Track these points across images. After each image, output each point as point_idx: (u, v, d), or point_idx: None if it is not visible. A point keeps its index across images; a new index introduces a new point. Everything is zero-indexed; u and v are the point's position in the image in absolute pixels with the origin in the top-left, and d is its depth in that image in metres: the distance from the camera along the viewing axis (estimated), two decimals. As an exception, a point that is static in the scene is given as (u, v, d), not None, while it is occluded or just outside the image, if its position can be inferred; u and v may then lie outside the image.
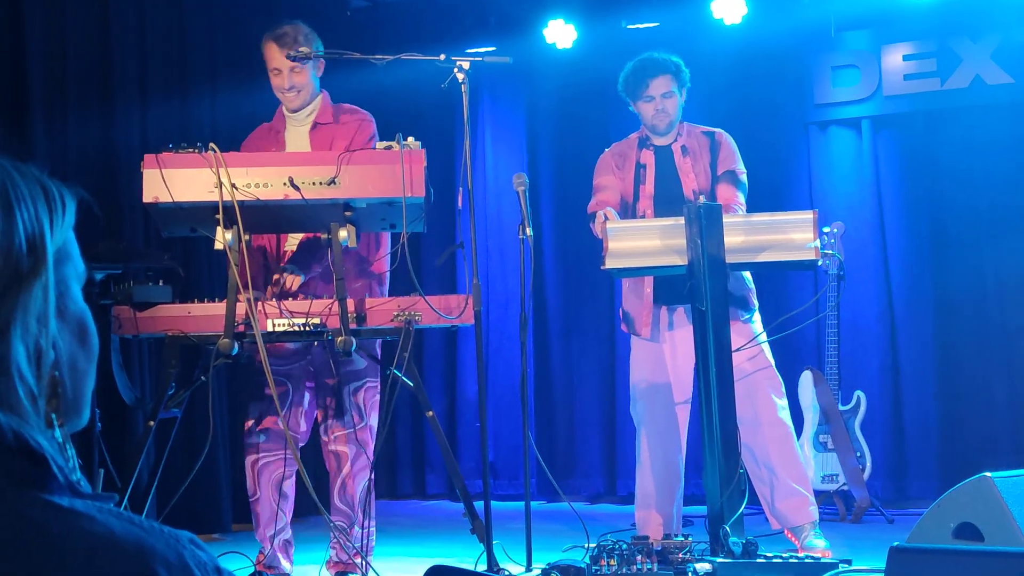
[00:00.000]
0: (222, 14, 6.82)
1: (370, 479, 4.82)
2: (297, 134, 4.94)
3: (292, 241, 4.87)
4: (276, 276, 4.71)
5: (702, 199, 4.88)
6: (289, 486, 4.83)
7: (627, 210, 5.31)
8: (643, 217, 5.24)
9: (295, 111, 4.92)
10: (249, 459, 4.81)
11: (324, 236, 4.31)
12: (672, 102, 5.34)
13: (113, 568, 1.04)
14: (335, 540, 4.83)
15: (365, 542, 4.73)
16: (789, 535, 5.18)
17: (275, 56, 4.84)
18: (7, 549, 1.02)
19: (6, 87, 5.48)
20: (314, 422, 4.93)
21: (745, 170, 5.35)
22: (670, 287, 5.14)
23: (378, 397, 4.85)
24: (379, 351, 4.95)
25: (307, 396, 4.86)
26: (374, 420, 4.85)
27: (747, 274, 5.27)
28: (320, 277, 4.83)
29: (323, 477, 5.08)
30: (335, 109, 4.99)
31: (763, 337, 5.22)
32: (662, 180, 5.32)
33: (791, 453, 5.17)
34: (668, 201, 5.17)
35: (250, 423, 4.80)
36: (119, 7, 6.14)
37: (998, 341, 6.85)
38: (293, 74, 4.84)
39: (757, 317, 5.30)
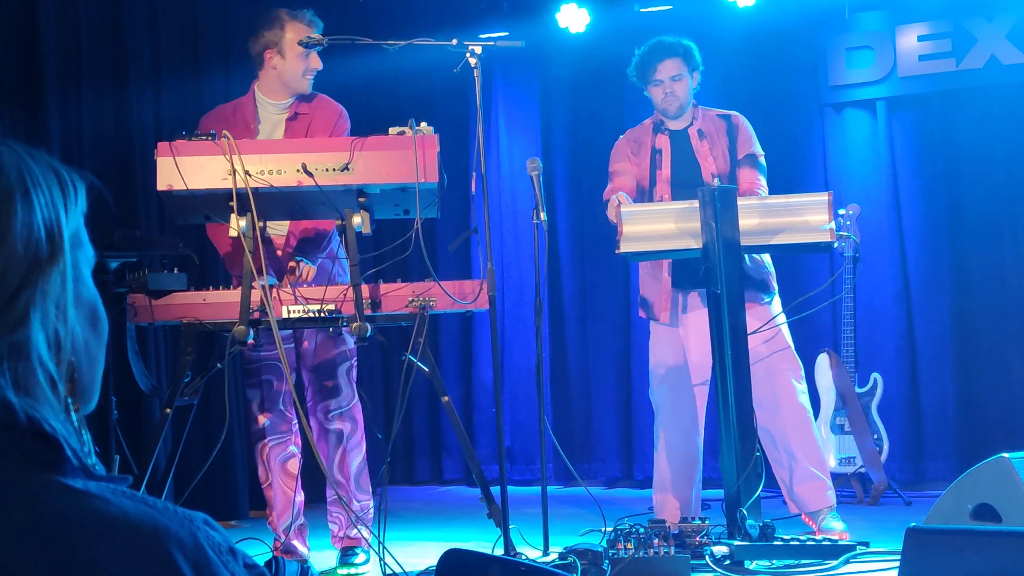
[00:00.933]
0: (234, 5, 6.81)
1: (363, 454, 4.88)
2: (273, 122, 4.91)
3: (274, 228, 4.84)
4: (292, 264, 4.72)
5: (716, 182, 4.87)
6: (294, 465, 4.89)
7: (644, 195, 5.30)
8: (660, 201, 5.23)
9: (299, 96, 4.91)
10: (258, 446, 4.89)
11: (339, 222, 4.31)
12: (681, 85, 5.32)
13: (128, 548, 1.04)
14: (335, 515, 4.89)
15: (363, 514, 4.79)
16: (807, 519, 5.17)
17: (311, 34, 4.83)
18: (23, 530, 1.03)
19: (20, 72, 5.48)
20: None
21: (763, 152, 5.34)
22: (687, 271, 5.12)
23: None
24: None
25: (296, 380, 4.90)
26: (358, 397, 4.95)
27: (767, 257, 5.26)
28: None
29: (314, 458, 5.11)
30: (314, 97, 4.99)
31: (781, 319, 5.21)
32: (679, 164, 5.30)
33: (810, 437, 5.16)
34: (686, 185, 5.15)
35: (253, 411, 4.86)
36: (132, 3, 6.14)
37: (1016, 322, 6.83)
38: (318, 60, 4.87)
39: (777, 301, 5.28)
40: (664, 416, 5.34)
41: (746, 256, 5.12)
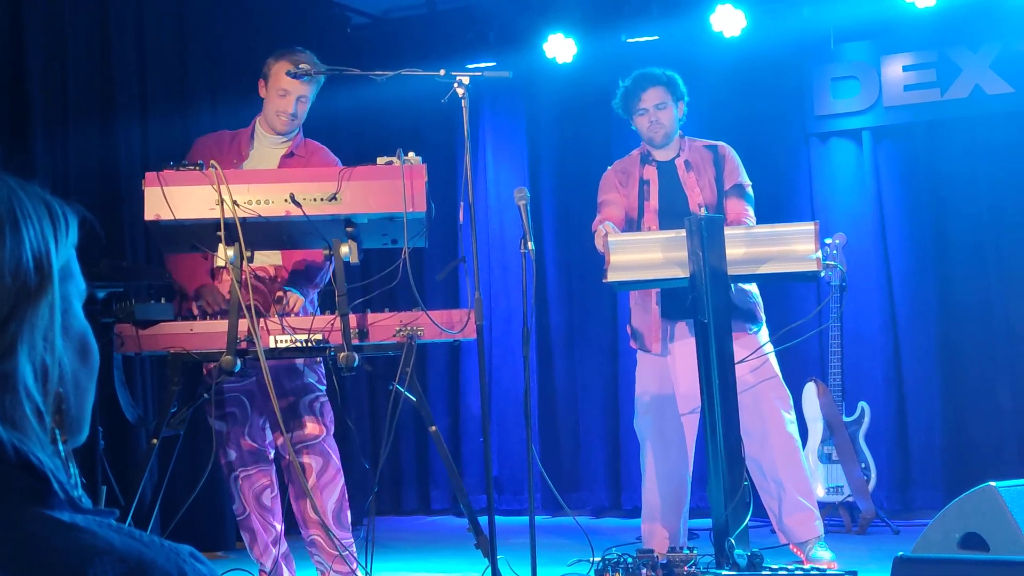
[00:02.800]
0: (223, 31, 6.84)
1: (341, 489, 4.81)
2: (266, 155, 4.92)
3: (262, 258, 4.82)
4: (279, 294, 4.72)
5: (703, 211, 4.88)
6: (268, 497, 4.83)
7: (632, 226, 5.32)
8: (648, 231, 5.24)
9: (281, 135, 4.92)
10: (230, 479, 4.83)
11: (326, 252, 4.31)
12: (666, 114, 5.34)
13: (114, 583, 1.04)
14: (316, 558, 4.83)
15: (347, 553, 4.71)
16: (795, 549, 5.17)
17: (286, 78, 4.82)
18: (9, 564, 1.02)
19: (7, 104, 5.49)
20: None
21: (750, 182, 5.36)
22: (676, 301, 5.13)
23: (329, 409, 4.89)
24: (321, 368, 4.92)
25: (257, 414, 4.84)
26: (330, 431, 4.87)
27: (754, 287, 5.27)
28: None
29: (285, 491, 5.06)
30: (308, 143, 5.00)
31: (769, 348, 5.22)
32: (666, 195, 5.32)
33: (798, 467, 5.17)
34: (673, 216, 5.16)
35: (219, 443, 4.77)
36: (120, 24, 6.15)
37: (1002, 351, 6.85)
38: (300, 102, 4.86)
39: (764, 330, 5.30)
40: (650, 446, 5.34)
41: (732, 285, 5.13)
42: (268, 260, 4.86)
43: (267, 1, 7.27)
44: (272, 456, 4.89)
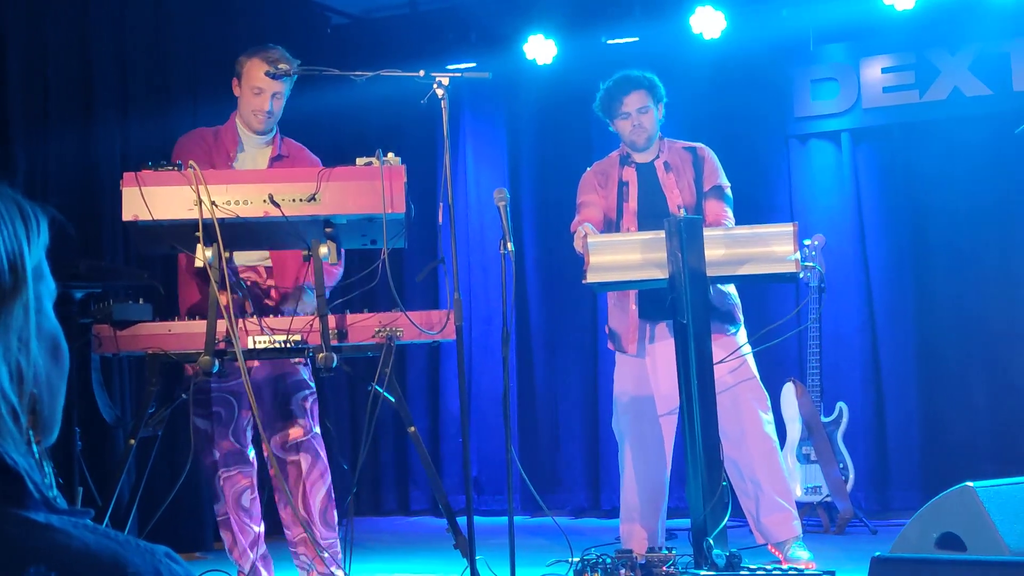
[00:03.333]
0: (204, 30, 6.83)
1: (328, 489, 4.82)
2: (252, 157, 4.91)
3: (242, 257, 4.82)
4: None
5: (682, 212, 4.89)
6: (248, 499, 4.83)
7: (611, 227, 5.32)
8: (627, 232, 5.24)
9: (260, 133, 4.90)
10: (214, 478, 4.81)
11: (305, 252, 4.31)
12: (648, 117, 5.34)
13: (88, 583, 1.04)
14: (301, 558, 4.82)
15: (327, 555, 4.71)
16: (773, 550, 5.19)
17: (260, 76, 4.80)
18: (-18, 565, 1.02)
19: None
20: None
21: (729, 183, 5.37)
22: (654, 302, 5.13)
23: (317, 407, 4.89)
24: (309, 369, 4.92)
25: (247, 413, 4.83)
26: (318, 429, 4.88)
27: (732, 288, 5.28)
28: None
29: (266, 491, 5.06)
30: (289, 143, 4.99)
31: (747, 350, 5.23)
32: (645, 197, 5.32)
33: (776, 468, 5.18)
34: (652, 217, 5.16)
35: (201, 443, 4.76)
36: (99, 24, 6.14)
37: (980, 352, 6.88)
38: (275, 99, 4.84)
39: (743, 331, 5.31)
40: (628, 446, 5.35)
41: (711, 287, 5.14)
42: (245, 261, 4.85)
43: (247, 0, 7.25)
44: (253, 457, 4.88)
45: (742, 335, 5.29)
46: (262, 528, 4.93)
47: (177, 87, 6.62)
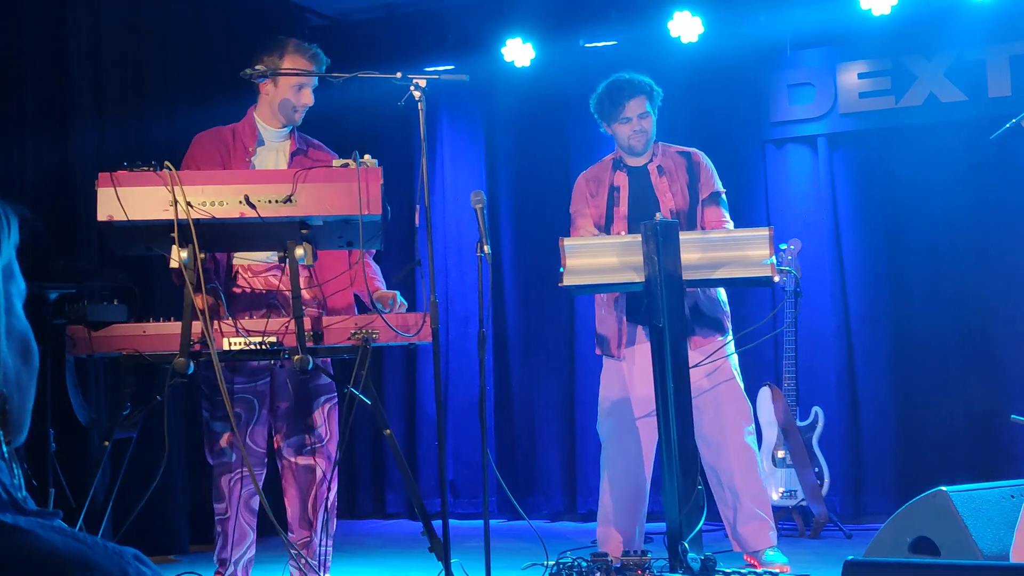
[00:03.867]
0: (180, 32, 6.81)
1: (334, 496, 4.83)
2: (274, 152, 4.91)
3: (240, 257, 4.83)
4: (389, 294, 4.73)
5: (658, 216, 4.89)
6: (256, 502, 4.83)
7: (603, 231, 5.32)
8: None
9: (288, 127, 4.92)
10: (224, 479, 4.79)
11: (281, 254, 4.30)
12: (648, 122, 5.35)
13: (55, 584, 1.03)
14: (297, 561, 4.81)
15: (323, 559, 4.72)
16: (748, 558, 5.20)
17: (304, 70, 4.82)
18: (-52, 567, 1.01)
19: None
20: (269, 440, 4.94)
21: (725, 189, 5.39)
22: (638, 305, 5.13)
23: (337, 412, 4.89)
24: (331, 368, 4.94)
25: (266, 414, 4.84)
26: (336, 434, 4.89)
27: (723, 295, 5.30)
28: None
29: (280, 494, 5.07)
30: (305, 137, 5.01)
31: (729, 352, 5.24)
32: (636, 201, 5.32)
33: (755, 478, 5.20)
34: (644, 221, 5.17)
35: (220, 442, 4.77)
36: (76, 27, 6.12)
37: (955, 357, 6.90)
38: (313, 91, 4.88)
39: (731, 341, 5.32)
40: (610, 450, 5.35)
41: (702, 293, 5.17)
42: (246, 260, 4.85)
43: (225, 1, 7.23)
44: (266, 460, 4.89)
45: (730, 344, 5.30)
46: (255, 534, 4.92)
47: (153, 88, 6.60)
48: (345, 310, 4.79)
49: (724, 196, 5.36)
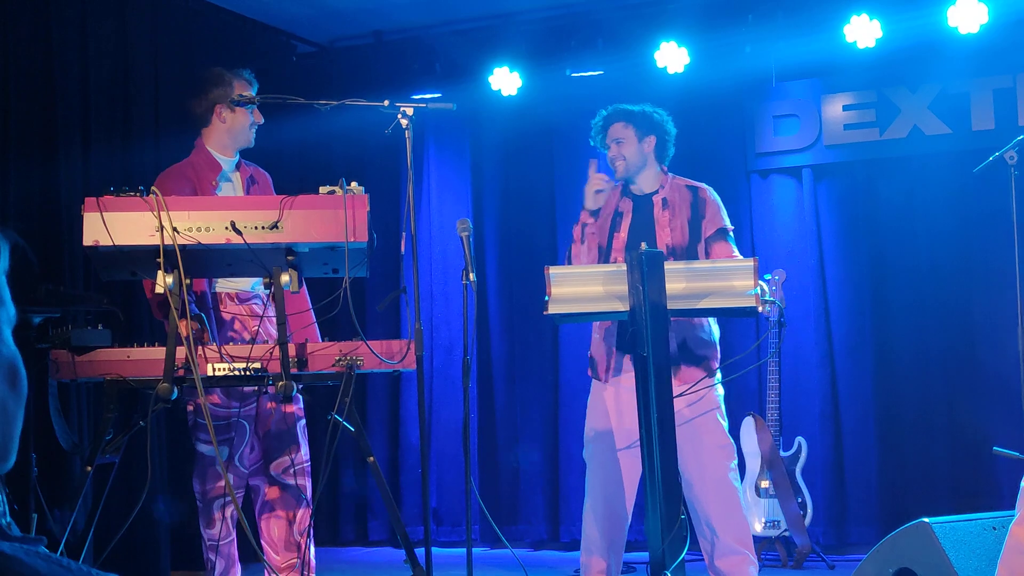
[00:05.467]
0: (167, 58, 6.82)
1: (311, 520, 4.85)
2: (232, 182, 5.00)
3: (225, 284, 4.87)
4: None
5: (644, 245, 4.89)
6: (238, 521, 4.88)
7: (603, 255, 5.33)
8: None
9: (238, 150, 5.01)
10: (215, 504, 4.83)
11: (266, 280, 4.31)
12: (628, 148, 5.35)
13: (38, 611, 1.03)
14: None
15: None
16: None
17: (249, 95, 4.92)
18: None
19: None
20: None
21: (732, 226, 5.41)
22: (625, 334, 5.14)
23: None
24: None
25: (253, 437, 4.90)
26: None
27: (716, 334, 5.29)
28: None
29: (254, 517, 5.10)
30: (250, 165, 5.12)
31: (716, 382, 5.24)
32: (637, 230, 5.32)
33: (735, 514, 5.17)
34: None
35: (216, 468, 4.80)
36: (62, 51, 6.12)
37: (938, 390, 6.92)
38: (260, 113, 5.00)
39: (718, 376, 5.32)
40: (594, 477, 5.34)
41: (690, 330, 5.18)
42: (230, 288, 4.89)
43: (211, 28, 7.25)
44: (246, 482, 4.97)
45: (717, 377, 5.30)
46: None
47: (139, 116, 6.60)
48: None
49: (732, 233, 5.37)
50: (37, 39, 6.00)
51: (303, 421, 4.96)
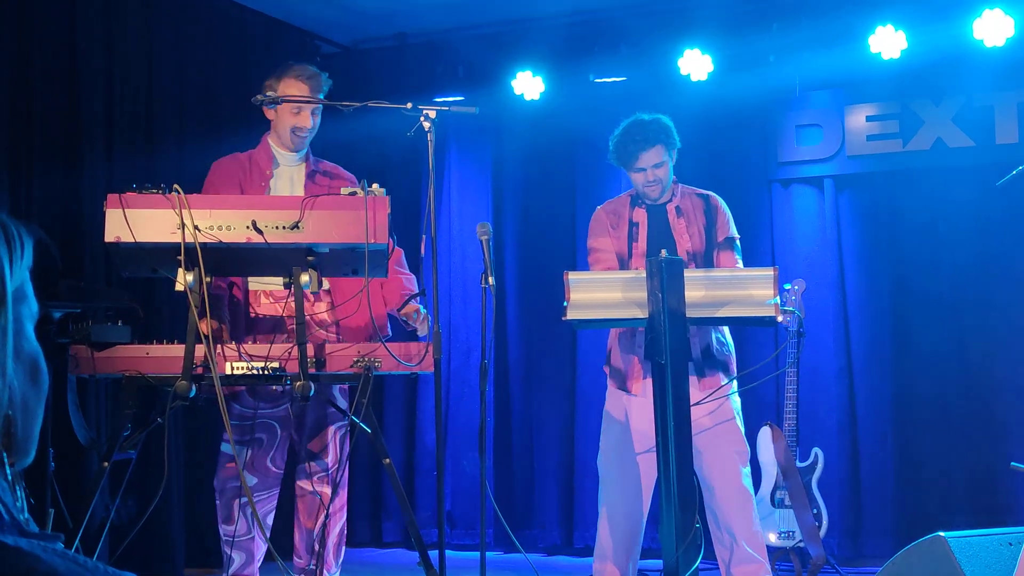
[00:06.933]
0: (191, 59, 6.83)
1: (342, 525, 4.88)
2: (289, 175, 4.98)
3: (256, 284, 4.89)
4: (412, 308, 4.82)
5: (664, 252, 4.89)
6: (271, 520, 4.93)
7: (624, 266, 5.32)
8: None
9: (297, 150, 5.00)
10: (235, 501, 4.85)
11: (287, 279, 4.31)
12: (663, 171, 5.34)
13: (55, 608, 1.04)
14: None
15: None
16: (743, 600, 5.18)
17: (300, 94, 4.90)
18: (-51, 587, 1.02)
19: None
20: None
21: (739, 235, 5.41)
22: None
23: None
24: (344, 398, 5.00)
25: (286, 437, 4.92)
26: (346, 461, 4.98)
27: (730, 340, 5.30)
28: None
29: (288, 519, 5.12)
30: (322, 162, 5.08)
31: (732, 391, 5.24)
32: (655, 239, 5.32)
33: (750, 520, 5.19)
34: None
35: (235, 467, 4.82)
36: (88, 52, 6.14)
37: (956, 403, 6.89)
38: (314, 115, 4.96)
39: (734, 384, 5.32)
40: (609, 485, 5.34)
41: (714, 336, 5.18)
42: (263, 284, 4.91)
43: (236, 27, 7.27)
44: (280, 481, 4.98)
45: (734, 386, 5.31)
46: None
47: (163, 115, 6.61)
48: (360, 331, 4.85)
49: (739, 242, 5.37)
50: (61, 39, 6.02)
51: (338, 425, 4.94)
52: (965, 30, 6.71)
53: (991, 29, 6.62)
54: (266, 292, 4.90)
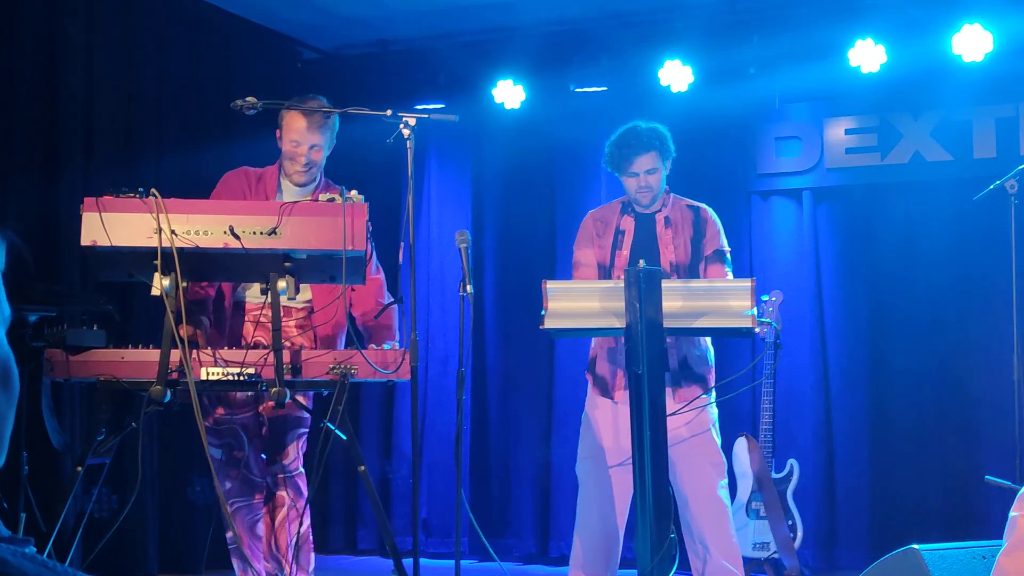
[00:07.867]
0: (170, 65, 6.80)
1: (305, 529, 4.85)
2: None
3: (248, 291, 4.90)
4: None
5: (642, 263, 4.90)
6: (261, 529, 4.90)
7: (605, 274, 5.32)
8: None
9: (299, 185, 4.96)
10: (224, 508, 4.84)
11: (263, 286, 4.31)
12: (656, 177, 5.35)
13: (22, 613, 1.03)
14: None
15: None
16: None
17: (298, 128, 4.85)
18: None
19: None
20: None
21: (730, 248, 5.42)
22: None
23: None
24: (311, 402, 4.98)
25: (255, 442, 4.91)
26: (302, 467, 4.94)
27: (711, 352, 5.30)
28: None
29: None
30: (329, 187, 5.03)
31: (710, 402, 5.25)
32: (639, 248, 5.32)
33: (725, 531, 5.19)
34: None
35: (214, 471, 4.80)
36: (68, 54, 6.12)
37: (932, 416, 6.91)
38: (313, 151, 4.89)
39: (713, 396, 5.32)
40: (586, 493, 5.34)
41: (690, 348, 5.18)
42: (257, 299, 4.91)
43: (218, 32, 7.25)
44: (264, 485, 4.96)
45: (712, 398, 5.31)
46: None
47: (143, 117, 6.59)
48: (329, 340, 4.85)
49: (729, 255, 5.38)
50: (41, 44, 6.00)
51: (301, 431, 4.93)
52: (944, 45, 6.74)
53: (970, 44, 6.65)
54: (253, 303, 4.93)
